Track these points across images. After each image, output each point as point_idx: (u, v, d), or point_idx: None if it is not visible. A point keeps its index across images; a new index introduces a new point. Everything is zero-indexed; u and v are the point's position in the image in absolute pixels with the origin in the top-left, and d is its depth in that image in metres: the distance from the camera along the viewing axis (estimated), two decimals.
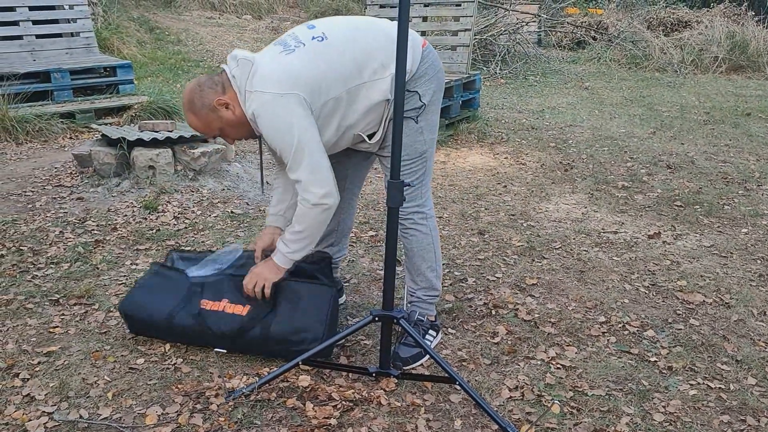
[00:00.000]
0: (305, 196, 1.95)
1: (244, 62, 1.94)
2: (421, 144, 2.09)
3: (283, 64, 1.91)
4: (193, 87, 1.97)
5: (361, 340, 2.32)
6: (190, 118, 1.99)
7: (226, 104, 1.95)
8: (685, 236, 3.34)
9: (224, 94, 1.96)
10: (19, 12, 5.84)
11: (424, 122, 2.09)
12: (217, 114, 1.96)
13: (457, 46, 5.51)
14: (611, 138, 5.36)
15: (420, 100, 2.05)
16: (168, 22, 10.25)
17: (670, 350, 2.30)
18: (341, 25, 2.02)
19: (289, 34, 2.01)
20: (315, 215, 1.96)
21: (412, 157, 2.09)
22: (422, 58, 2.04)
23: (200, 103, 1.95)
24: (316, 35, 1.97)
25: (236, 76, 1.95)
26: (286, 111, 1.88)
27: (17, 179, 3.97)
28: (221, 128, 2.00)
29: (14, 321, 2.36)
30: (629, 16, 10.25)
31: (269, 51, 1.98)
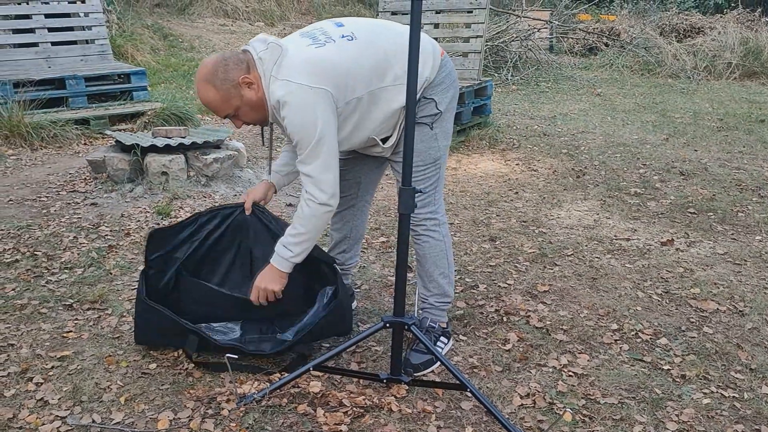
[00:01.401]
0: (313, 193, 1.93)
1: (274, 47, 1.89)
2: (435, 150, 2.10)
3: (313, 56, 1.88)
4: (217, 60, 1.90)
5: (372, 346, 2.32)
6: (208, 92, 1.91)
7: (250, 83, 1.91)
8: (698, 243, 3.32)
9: (248, 73, 1.91)
10: (34, 19, 5.92)
11: (439, 129, 2.09)
12: (238, 92, 1.91)
13: (468, 52, 5.51)
14: (624, 144, 5.33)
15: (436, 107, 2.06)
16: (181, 29, 10.34)
17: (683, 358, 2.28)
18: (367, 27, 2.01)
19: (316, 28, 1.99)
20: (319, 215, 1.95)
21: (426, 163, 2.10)
22: (440, 66, 2.05)
23: (224, 76, 1.89)
24: (345, 34, 1.96)
25: (263, 59, 1.90)
26: (313, 104, 1.86)
27: (32, 185, 4.02)
28: (238, 107, 1.94)
29: (28, 325, 2.38)
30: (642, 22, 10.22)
31: (297, 41, 1.94)
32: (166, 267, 2.29)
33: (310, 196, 1.94)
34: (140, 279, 2.21)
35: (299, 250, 2.01)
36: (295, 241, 2.00)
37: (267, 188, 2.27)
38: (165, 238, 2.27)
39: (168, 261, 2.29)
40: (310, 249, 2.05)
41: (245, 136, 5.15)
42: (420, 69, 1.98)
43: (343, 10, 11.73)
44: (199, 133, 4.27)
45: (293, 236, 2.00)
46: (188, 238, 2.30)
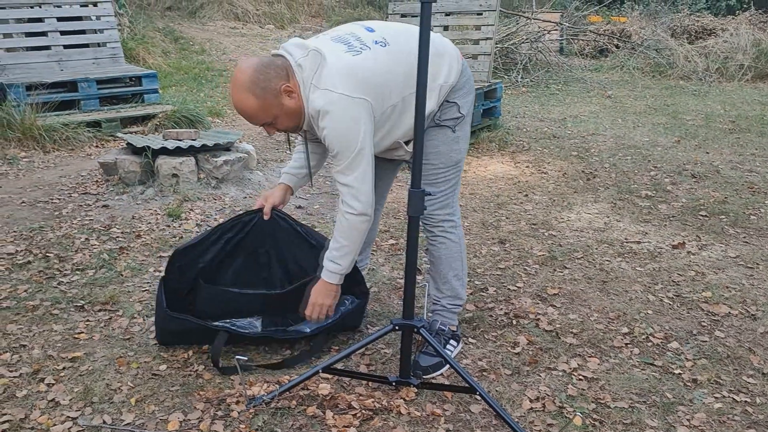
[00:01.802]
0: (352, 204, 1.93)
1: (315, 54, 1.87)
2: (456, 153, 2.12)
3: (352, 65, 1.87)
4: (258, 67, 1.85)
5: (381, 348, 2.32)
6: (247, 100, 1.86)
7: (291, 91, 1.88)
8: (710, 247, 3.29)
9: (288, 81, 1.89)
10: (47, 23, 5.97)
11: (461, 132, 2.11)
12: (278, 100, 1.88)
13: (478, 54, 5.51)
14: (635, 147, 5.30)
15: (459, 111, 2.07)
16: (192, 32, 10.40)
17: (694, 362, 2.26)
18: (396, 32, 2.01)
19: (349, 34, 1.97)
20: (358, 225, 1.96)
21: (448, 165, 2.11)
22: (461, 71, 2.06)
23: (265, 85, 1.85)
24: (377, 39, 1.95)
25: (303, 67, 1.87)
26: (355, 115, 1.85)
27: (44, 187, 4.05)
28: (276, 116, 1.91)
29: (40, 327, 2.40)
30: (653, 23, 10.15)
31: (332, 47, 1.91)
32: (188, 276, 2.31)
33: (349, 207, 1.94)
34: (159, 288, 2.22)
35: (346, 262, 2.03)
36: (340, 255, 2.01)
37: (284, 192, 2.28)
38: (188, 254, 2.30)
39: (190, 270, 2.31)
40: (356, 258, 2.06)
41: (255, 139, 5.17)
42: (446, 73, 2.01)
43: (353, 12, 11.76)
44: (209, 135, 4.29)
45: (337, 250, 2.01)
46: (210, 247, 2.33)
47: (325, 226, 3.49)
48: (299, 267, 2.39)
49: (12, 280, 2.77)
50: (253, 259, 2.40)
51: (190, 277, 2.31)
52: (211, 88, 7.46)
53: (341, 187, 1.95)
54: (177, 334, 2.24)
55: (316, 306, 2.11)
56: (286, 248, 2.38)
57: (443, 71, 2.01)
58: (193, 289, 2.32)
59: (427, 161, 2.08)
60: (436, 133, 2.08)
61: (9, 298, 2.60)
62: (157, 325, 2.25)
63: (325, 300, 2.10)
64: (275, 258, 2.42)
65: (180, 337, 2.25)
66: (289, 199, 2.32)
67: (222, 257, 2.35)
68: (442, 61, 2.01)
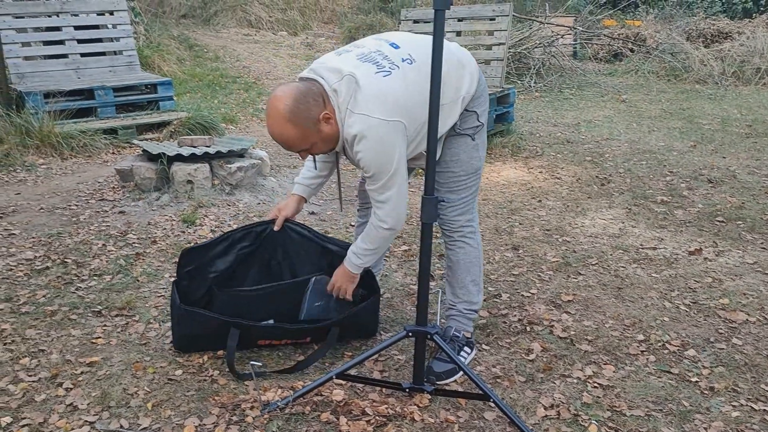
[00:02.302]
0: (385, 219, 2.00)
1: (350, 79, 1.87)
2: (476, 160, 2.14)
3: (385, 88, 1.88)
4: (297, 96, 1.85)
5: (394, 354, 2.32)
6: (287, 130, 1.86)
7: (329, 118, 1.89)
8: (727, 253, 3.26)
9: (325, 107, 1.89)
10: (64, 31, 6.06)
11: (480, 140, 2.14)
12: (317, 127, 1.89)
13: (491, 60, 5.51)
14: (650, 152, 5.27)
15: (478, 119, 2.10)
16: (207, 39, 10.50)
17: (711, 370, 2.24)
18: (420, 46, 2.01)
19: (375, 52, 1.98)
20: (387, 237, 2.07)
21: (468, 172, 2.14)
22: (478, 79, 2.08)
23: (306, 114, 1.85)
24: (404, 57, 1.97)
25: (338, 92, 1.88)
26: (391, 138, 1.88)
27: (62, 193, 4.11)
28: (315, 143, 1.93)
29: (58, 331, 2.43)
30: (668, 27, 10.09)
31: (362, 68, 1.91)
32: (199, 283, 2.33)
33: (382, 222, 2.01)
34: (172, 289, 2.25)
35: (368, 260, 2.15)
36: (365, 254, 2.12)
37: (297, 203, 2.32)
38: (196, 255, 2.32)
39: (201, 277, 2.33)
40: (377, 258, 2.18)
41: (268, 145, 5.20)
42: (468, 84, 2.04)
43: (365, 18, 11.80)
44: (223, 142, 4.32)
45: (364, 250, 2.11)
46: (221, 254, 2.35)
47: (338, 232, 3.50)
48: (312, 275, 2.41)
49: (31, 285, 2.81)
50: (266, 270, 2.42)
51: (202, 286, 2.33)
52: (225, 94, 7.53)
53: (376, 203, 2.01)
54: (192, 337, 2.25)
55: (338, 287, 2.23)
56: (297, 259, 2.41)
57: (465, 82, 2.03)
58: (208, 302, 2.34)
59: (447, 169, 2.10)
60: (456, 141, 2.10)
61: (28, 303, 2.64)
62: (173, 329, 2.27)
63: (346, 284, 2.22)
64: (287, 269, 2.44)
65: (195, 340, 2.26)
66: (301, 209, 2.38)
67: (235, 267, 2.37)
68: (464, 72, 2.04)
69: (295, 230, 2.38)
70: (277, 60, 9.82)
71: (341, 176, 2.32)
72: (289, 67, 9.37)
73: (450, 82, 1.98)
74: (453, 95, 2.00)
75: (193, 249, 2.32)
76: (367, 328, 2.40)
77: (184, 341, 2.28)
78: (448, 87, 1.97)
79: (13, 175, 4.48)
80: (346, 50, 2.02)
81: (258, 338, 2.27)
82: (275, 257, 2.42)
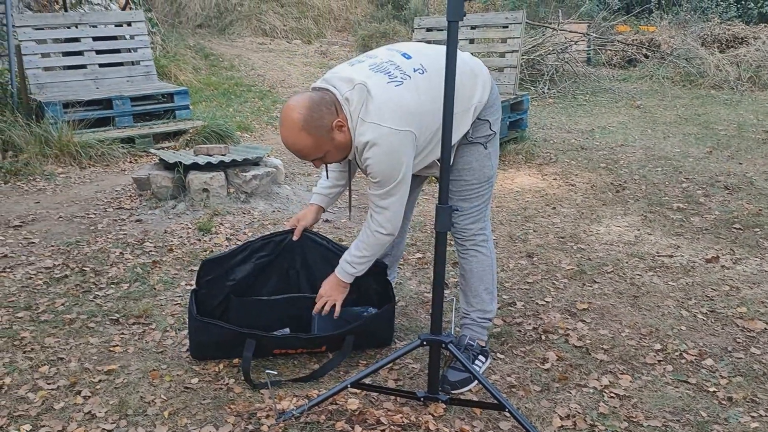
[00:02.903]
0: (384, 225, 2.03)
1: (361, 88, 1.90)
2: (488, 169, 2.15)
3: (396, 97, 1.90)
4: (310, 105, 1.87)
5: (408, 363, 2.32)
6: (302, 139, 1.88)
7: (341, 126, 1.91)
8: (744, 260, 3.23)
9: (338, 116, 1.92)
10: (83, 42, 6.16)
11: (492, 148, 2.15)
12: (330, 135, 1.91)
13: (504, 67, 5.51)
14: (665, 158, 5.23)
15: (490, 128, 2.12)
16: (222, 48, 10.60)
17: (730, 380, 2.21)
18: (433, 57, 2.03)
19: (387, 62, 2.00)
20: (384, 242, 2.09)
21: (481, 181, 2.15)
22: (491, 88, 2.10)
23: (319, 123, 1.87)
24: (416, 67, 1.99)
25: (350, 100, 1.91)
26: (400, 148, 1.91)
27: (81, 202, 4.16)
28: (328, 151, 1.94)
29: (77, 339, 2.46)
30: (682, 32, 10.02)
31: (374, 78, 1.93)
32: (217, 291, 2.36)
33: (379, 227, 2.03)
34: (190, 299, 2.27)
35: (363, 268, 2.16)
36: (359, 261, 2.13)
37: (316, 213, 2.35)
38: (216, 265, 2.35)
39: (219, 285, 2.36)
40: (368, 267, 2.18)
41: (283, 153, 5.24)
42: (480, 93, 2.05)
43: (378, 26, 11.85)
44: (238, 150, 4.36)
45: (358, 258, 2.12)
46: (240, 263, 2.37)
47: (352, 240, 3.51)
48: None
49: (50, 293, 2.85)
50: (284, 279, 2.44)
51: (220, 294, 2.35)
52: (240, 103, 7.59)
53: (376, 208, 2.02)
54: (209, 346, 2.27)
55: (326, 297, 2.20)
56: (316, 268, 2.42)
57: (478, 91, 2.05)
58: (225, 309, 2.36)
59: (460, 177, 2.11)
60: (468, 150, 2.11)
61: (47, 311, 2.68)
62: (190, 337, 2.30)
63: (335, 294, 2.20)
64: (305, 278, 2.46)
65: (212, 349, 2.28)
66: (320, 218, 2.40)
67: (253, 276, 2.39)
68: (477, 81, 2.06)
69: (314, 240, 2.40)
70: (292, 68, 9.89)
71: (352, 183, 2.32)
72: (303, 75, 9.43)
73: (462, 92, 1.99)
74: (465, 104, 2.01)
75: (214, 259, 2.35)
76: (382, 337, 2.40)
77: (201, 350, 2.30)
78: (460, 96, 1.97)
79: (32, 184, 4.55)
80: (359, 60, 2.04)
81: (273, 348, 2.29)
82: (294, 266, 2.44)
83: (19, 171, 4.70)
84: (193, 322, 2.22)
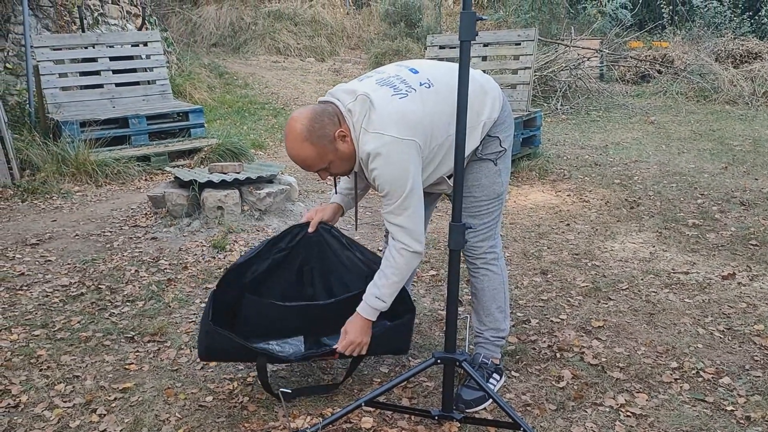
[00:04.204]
0: (408, 244, 1.95)
1: (363, 99, 1.92)
2: (498, 186, 2.14)
3: (399, 108, 1.92)
4: (313, 116, 1.91)
5: (423, 381, 2.31)
6: (305, 149, 1.90)
7: (344, 136, 1.92)
8: (761, 277, 3.19)
9: (340, 126, 1.93)
10: (100, 62, 6.27)
11: (502, 165, 2.14)
12: (333, 146, 1.92)
13: (517, 84, 5.52)
14: (680, 174, 5.20)
15: (501, 145, 2.11)
16: (236, 67, 10.73)
17: (747, 399, 2.18)
18: (441, 72, 2.06)
19: (394, 76, 2.02)
20: (412, 262, 1.99)
21: (490, 197, 2.14)
22: (502, 105, 2.10)
23: (321, 133, 1.90)
24: (422, 81, 2.01)
25: (352, 111, 1.93)
26: (404, 156, 1.90)
27: (97, 220, 4.21)
28: (332, 161, 1.95)
29: (93, 357, 2.48)
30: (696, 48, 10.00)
31: (379, 91, 1.95)
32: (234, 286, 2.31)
33: (404, 245, 1.96)
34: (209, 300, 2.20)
35: (390, 299, 2.04)
36: (388, 292, 2.01)
37: (336, 210, 2.29)
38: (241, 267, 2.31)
39: (238, 280, 2.31)
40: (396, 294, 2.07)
41: (297, 170, 5.27)
42: (489, 110, 2.06)
43: (391, 44, 11.94)
44: (253, 168, 4.40)
45: (387, 287, 2.00)
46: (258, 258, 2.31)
47: None
48: (343, 285, 2.36)
49: (66, 311, 2.88)
50: (298, 276, 2.39)
51: (236, 288, 2.30)
52: (254, 120, 7.67)
53: (393, 228, 1.97)
54: (217, 351, 2.22)
55: (353, 344, 2.08)
56: (332, 265, 2.36)
57: (487, 108, 2.05)
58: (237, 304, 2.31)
59: (469, 194, 2.10)
60: (478, 166, 2.11)
61: (63, 329, 2.70)
62: (199, 339, 2.25)
63: (362, 338, 2.07)
64: (318, 275, 2.39)
65: (220, 354, 2.24)
66: (338, 219, 2.32)
67: (269, 272, 2.33)
68: (486, 98, 2.06)
69: (332, 234, 2.32)
70: (305, 86, 9.98)
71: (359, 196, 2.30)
72: (317, 92, 9.51)
73: (471, 107, 1.99)
74: (474, 121, 2.01)
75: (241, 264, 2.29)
76: (399, 344, 2.31)
77: (209, 354, 2.24)
78: (468, 112, 1.98)
79: (49, 203, 4.61)
80: (368, 76, 2.07)
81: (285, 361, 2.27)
82: (308, 262, 2.37)
83: (37, 189, 4.77)
84: (206, 326, 2.16)
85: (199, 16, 12.27)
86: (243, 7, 12.70)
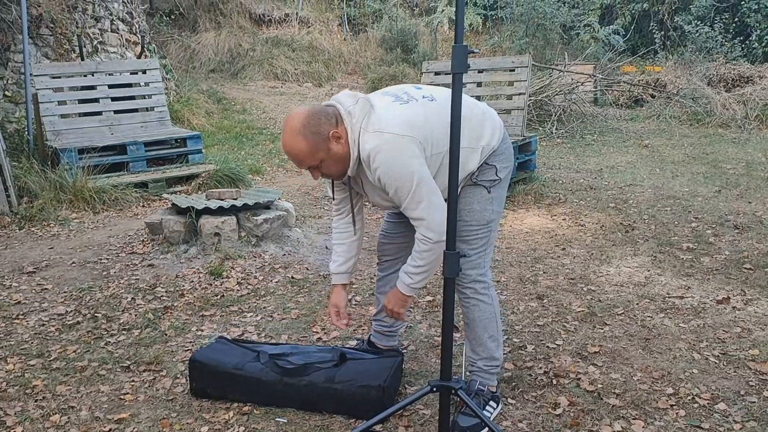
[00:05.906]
0: (428, 235, 1.98)
1: (364, 102, 1.98)
2: (489, 213, 2.16)
3: (399, 110, 1.99)
4: (309, 113, 1.96)
5: (419, 409, 2.31)
6: (297, 143, 1.95)
7: (339, 137, 1.96)
8: (756, 301, 3.20)
9: (337, 128, 1.98)
10: (99, 90, 6.32)
11: (495, 194, 2.17)
12: (326, 145, 1.96)
13: (512, 109, 5.59)
14: (674, 197, 5.24)
15: (496, 174, 2.14)
16: (234, 92, 10.83)
17: (743, 425, 2.18)
18: (443, 91, 2.12)
19: (397, 89, 2.11)
20: (436, 251, 2.00)
21: (480, 224, 2.15)
22: (503, 138, 2.15)
23: (316, 129, 1.94)
24: (425, 95, 2.08)
25: (352, 113, 1.98)
26: (405, 151, 1.93)
27: (94, 247, 4.22)
28: (323, 160, 1.99)
29: (88, 387, 2.48)
30: (688, 72, 10.13)
31: (381, 98, 2.05)
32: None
33: (424, 237, 2.00)
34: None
35: (420, 279, 2.09)
36: (416, 272, 2.07)
37: (342, 292, 2.35)
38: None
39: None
40: (429, 277, 2.11)
41: (294, 196, 5.30)
42: (489, 136, 2.10)
43: (388, 69, 12.08)
44: (250, 194, 4.42)
45: (415, 268, 2.06)
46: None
47: (363, 282, 3.53)
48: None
49: (62, 340, 2.88)
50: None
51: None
52: (252, 146, 7.72)
53: (414, 222, 2.01)
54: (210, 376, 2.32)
55: (390, 309, 2.18)
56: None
57: (487, 133, 2.10)
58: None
59: (459, 218, 2.12)
60: (471, 191, 2.14)
61: (59, 359, 2.70)
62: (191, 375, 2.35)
63: (397, 307, 2.16)
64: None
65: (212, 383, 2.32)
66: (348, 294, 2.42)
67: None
68: (486, 123, 2.11)
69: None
70: None
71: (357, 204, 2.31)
72: None
73: (471, 127, 2.04)
74: (473, 143, 2.05)
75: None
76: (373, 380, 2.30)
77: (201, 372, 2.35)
78: (468, 132, 2.03)
79: (47, 230, 4.62)
80: (374, 93, 2.14)
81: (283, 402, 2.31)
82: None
83: (34, 217, 4.78)
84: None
85: (197, 43, 12.41)
86: (241, 34, 12.86)
